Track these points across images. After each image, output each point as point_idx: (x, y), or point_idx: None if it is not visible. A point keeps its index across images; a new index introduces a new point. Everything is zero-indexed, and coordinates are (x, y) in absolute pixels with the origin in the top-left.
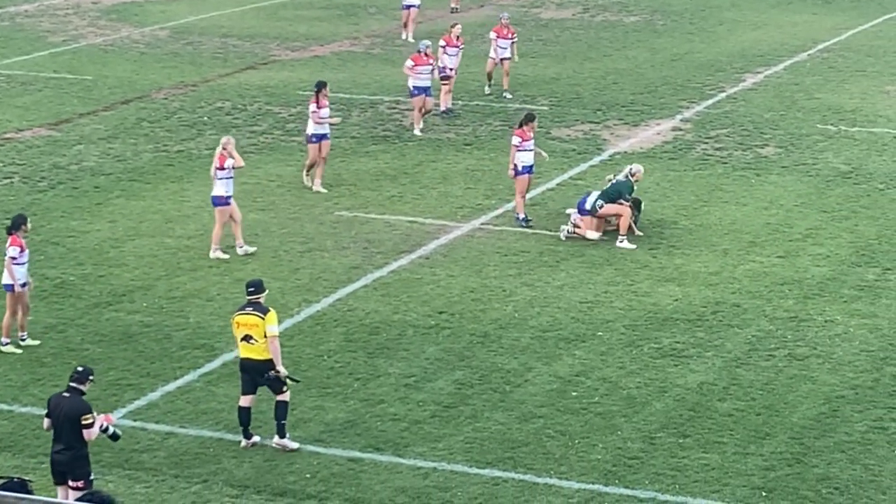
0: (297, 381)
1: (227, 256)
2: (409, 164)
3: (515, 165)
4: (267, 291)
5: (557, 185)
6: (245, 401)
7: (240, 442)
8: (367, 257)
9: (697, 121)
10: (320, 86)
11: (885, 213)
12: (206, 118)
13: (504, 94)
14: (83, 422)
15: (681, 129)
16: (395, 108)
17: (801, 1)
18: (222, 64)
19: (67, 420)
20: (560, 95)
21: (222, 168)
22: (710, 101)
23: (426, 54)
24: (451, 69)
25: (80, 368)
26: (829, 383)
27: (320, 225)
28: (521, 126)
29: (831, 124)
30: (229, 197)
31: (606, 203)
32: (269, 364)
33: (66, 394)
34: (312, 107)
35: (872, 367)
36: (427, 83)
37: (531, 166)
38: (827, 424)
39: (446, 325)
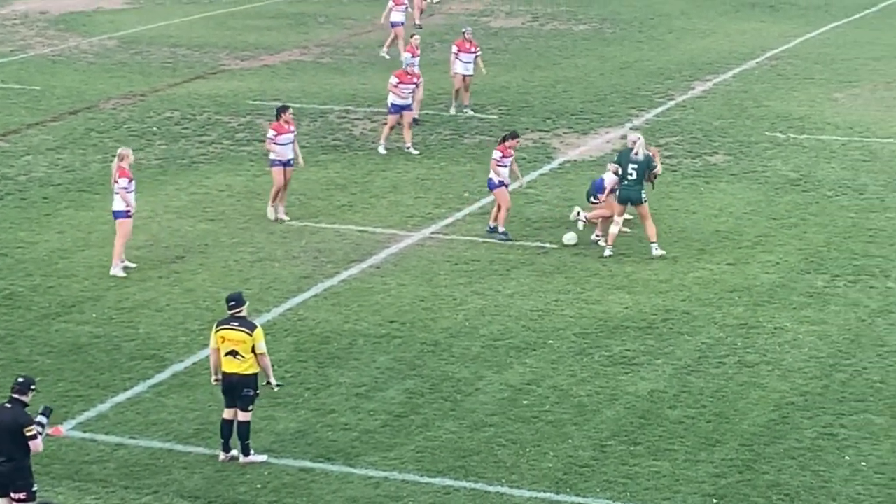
0: (281, 385)
1: (124, 275)
2: (359, 173)
3: (491, 178)
4: (248, 303)
5: (508, 193)
6: (228, 414)
7: (218, 455)
8: (317, 267)
9: (647, 129)
10: (280, 111)
11: (833, 220)
12: (155, 128)
13: (464, 110)
14: (26, 433)
15: None
16: (344, 117)
17: (749, 9)
18: (171, 74)
19: (7, 431)
20: (510, 104)
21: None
22: (659, 109)
23: (408, 72)
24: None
25: (20, 379)
26: (778, 390)
27: (270, 234)
28: (503, 141)
29: (780, 132)
30: (130, 210)
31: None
32: (253, 379)
33: (7, 405)
34: (270, 133)
35: (822, 374)
36: (409, 101)
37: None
38: (777, 431)
39: (397, 334)
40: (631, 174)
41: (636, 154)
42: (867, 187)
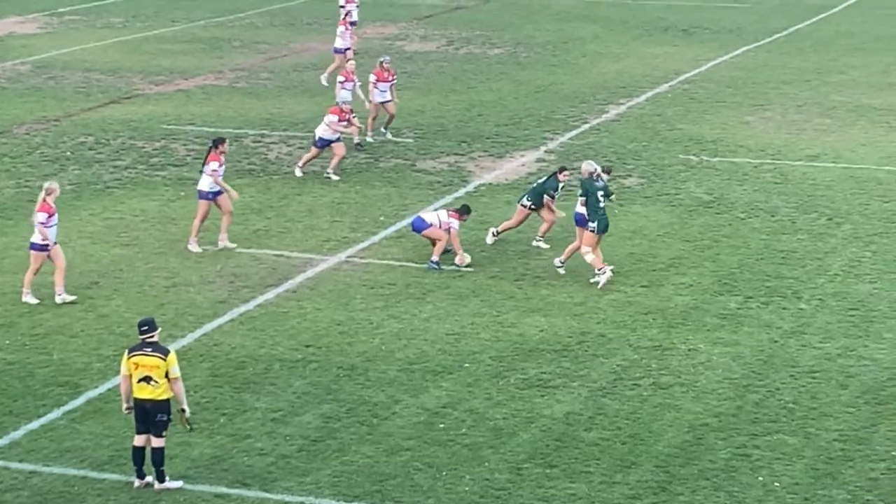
0: (191, 430)
1: (36, 301)
2: (274, 197)
3: (422, 218)
4: (160, 329)
5: None
6: (140, 440)
7: (133, 482)
8: (233, 291)
9: (561, 152)
10: (217, 142)
11: (746, 241)
12: (68, 153)
13: (385, 132)
14: None
15: (545, 161)
16: (259, 141)
17: (662, 33)
18: (85, 98)
19: None
20: (425, 128)
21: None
22: (573, 133)
23: (343, 109)
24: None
25: None
26: (693, 411)
27: (185, 259)
28: (461, 213)
29: (693, 154)
30: (47, 244)
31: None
32: (166, 404)
33: None
34: (214, 165)
35: (735, 395)
36: (336, 137)
37: None
38: (691, 452)
39: (313, 358)
40: (601, 201)
41: (598, 181)
42: (779, 209)
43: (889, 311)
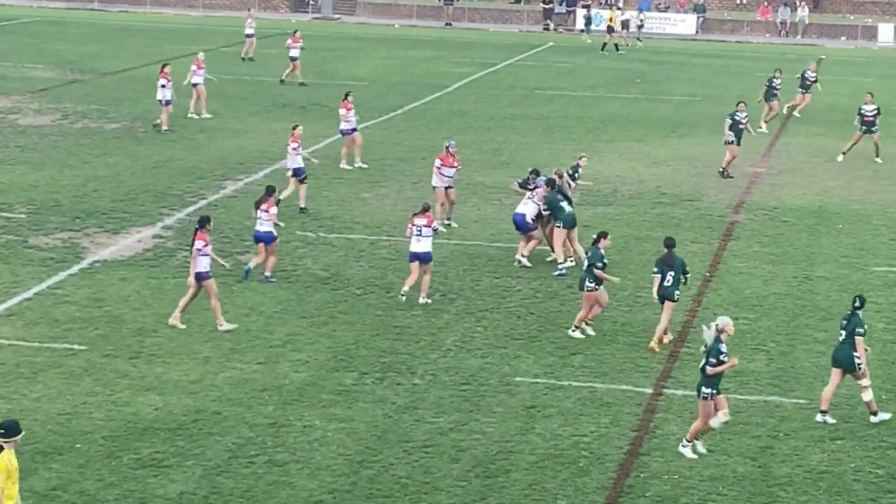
0: None
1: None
2: None
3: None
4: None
5: (35, 294)
6: None
7: None
8: None
9: (179, 228)
10: (203, 221)
11: (361, 317)
12: None
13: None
14: None
15: (162, 237)
16: None
17: (280, 110)
18: None
19: None
20: (38, 203)
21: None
22: (191, 209)
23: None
24: None
25: None
26: (307, 488)
27: None
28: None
29: (310, 231)
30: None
31: None
32: None
33: None
34: (199, 244)
35: (350, 471)
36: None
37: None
38: None
39: None
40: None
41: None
42: (393, 285)
43: (499, 385)
